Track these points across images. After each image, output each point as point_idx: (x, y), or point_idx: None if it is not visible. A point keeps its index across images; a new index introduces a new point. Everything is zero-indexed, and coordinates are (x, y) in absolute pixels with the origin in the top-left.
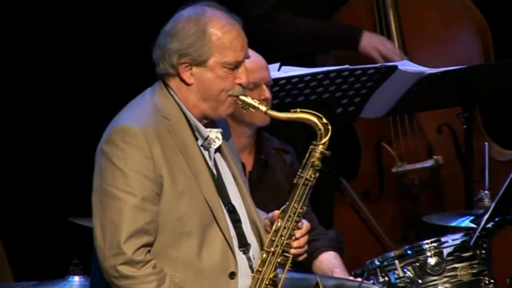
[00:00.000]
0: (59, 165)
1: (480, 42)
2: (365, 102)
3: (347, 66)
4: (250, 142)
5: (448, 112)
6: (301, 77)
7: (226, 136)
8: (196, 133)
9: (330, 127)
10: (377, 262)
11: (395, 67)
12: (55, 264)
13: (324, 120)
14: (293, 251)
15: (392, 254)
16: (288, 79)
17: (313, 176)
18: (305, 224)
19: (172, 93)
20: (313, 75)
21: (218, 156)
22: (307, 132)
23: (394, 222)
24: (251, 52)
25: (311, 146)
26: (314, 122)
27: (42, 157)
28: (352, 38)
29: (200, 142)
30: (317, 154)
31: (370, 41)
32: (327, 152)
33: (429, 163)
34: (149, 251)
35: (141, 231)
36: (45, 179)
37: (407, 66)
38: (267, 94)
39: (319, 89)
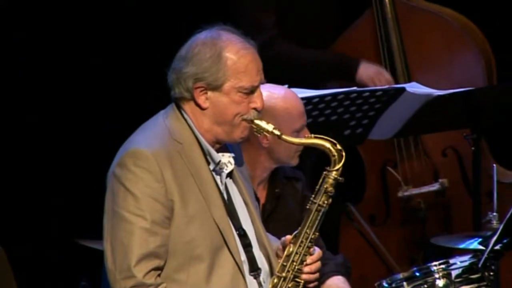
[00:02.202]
0: (67, 187)
1: (484, 64)
2: (373, 124)
3: (355, 88)
4: (267, 176)
5: (453, 135)
6: (309, 99)
7: (238, 161)
8: (208, 158)
9: (344, 153)
10: (385, 284)
11: (403, 89)
12: (63, 286)
13: (338, 146)
14: (304, 276)
15: (401, 276)
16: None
17: (326, 202)
18: (317, 251)
19: (185, 116)
20: (321, 97)
21: (229, 181)
22: (316, 154)
23: (401, 245)
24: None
25: (324, 172)
26: (328, 148)
27: (50, 178)
28: (349, 69)
29: (211, 166)
30: (331, 180)
31: (366, 72)
32: (340, 178)
33: (434, 186)
34: (159, 275)
35: (152, 254)
36: (53, 201)
37: (415, 88)
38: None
39: (327, 111)
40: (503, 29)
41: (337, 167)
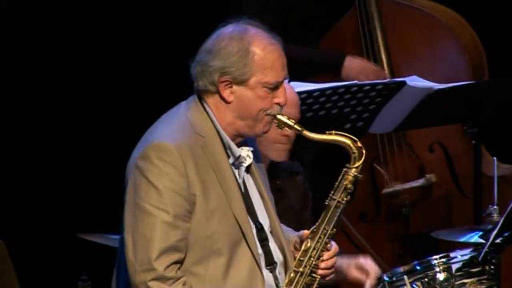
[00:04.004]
0: (69, 181)
1: (467, 59)
2: (373, 117)
3: (355, 81)
4: (266, 167)
5: (440, 130)
6: (309, 92)
7: (255, 154)
8: (228, 151)
9: (364, 151)
10: (386, 278)
11: (404, 83)
12: (64, 280)
13: (359, 144)
14: (320, 272)
15: (401, 269)
16: (297, 94)
17: (345, 198)
18: (334, 246)
19: (207, 109)
20: (322, 90)
21: (246, 174)
22: (315, 148)
23: (390, 241)
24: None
25: (344, 169)
26: (349, 145)
27: (52, 173)
28: (334, 66)
29: (231, 160)
30: (350, 177)
31: (351, 70)
32: (360, 175)
33: (419, 182)
34: (179, 268)
35: (173, 248)
36: (55, 195)
37: (415, 81)
38: None
39: (328, 105)
40: (499, 24)
41: (357, 164)
